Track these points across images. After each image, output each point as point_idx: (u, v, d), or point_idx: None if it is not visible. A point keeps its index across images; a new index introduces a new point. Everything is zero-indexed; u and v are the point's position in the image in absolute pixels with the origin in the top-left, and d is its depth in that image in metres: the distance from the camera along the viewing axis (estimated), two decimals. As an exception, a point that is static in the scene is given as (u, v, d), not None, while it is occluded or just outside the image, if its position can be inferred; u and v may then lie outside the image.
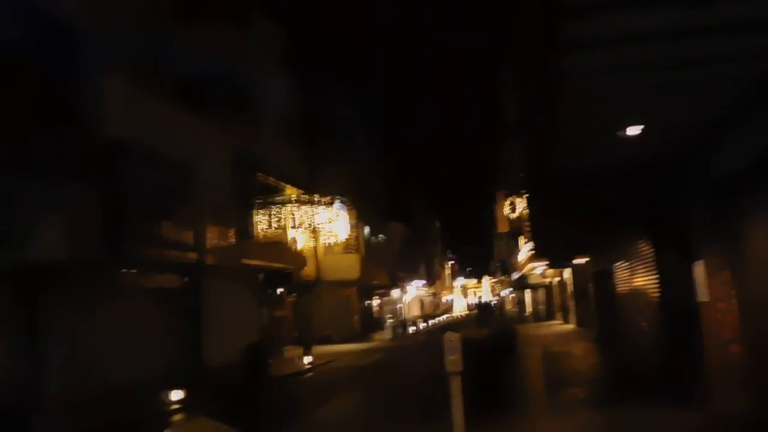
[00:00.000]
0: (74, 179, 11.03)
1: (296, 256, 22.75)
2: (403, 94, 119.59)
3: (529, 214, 17.01)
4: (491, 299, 59.99)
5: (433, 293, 62.15)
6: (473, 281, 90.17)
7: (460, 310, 68.52)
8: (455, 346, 6.38)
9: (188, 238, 14.80)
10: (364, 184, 30.30)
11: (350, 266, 29.04)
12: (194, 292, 15.35)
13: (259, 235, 20.05)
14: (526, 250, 25.78)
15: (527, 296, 44.06)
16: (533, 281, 32.97)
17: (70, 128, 11.27)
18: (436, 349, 7.17)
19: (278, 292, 22.88)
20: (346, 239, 27.51)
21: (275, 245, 20.81)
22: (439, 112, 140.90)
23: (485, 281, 76.65)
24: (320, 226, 22.62)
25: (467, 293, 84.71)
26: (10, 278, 10.53)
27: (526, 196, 18.48)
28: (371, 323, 34.99)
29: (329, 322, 27.27)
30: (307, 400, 12.00)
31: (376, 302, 37.95)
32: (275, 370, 14.08)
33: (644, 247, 9.89)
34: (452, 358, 6.35)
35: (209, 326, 15.37)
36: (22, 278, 10.72)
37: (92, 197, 11.37)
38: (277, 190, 21.30)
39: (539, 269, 26.60)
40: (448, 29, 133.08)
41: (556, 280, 30.08)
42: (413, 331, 34.78)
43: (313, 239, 25.00)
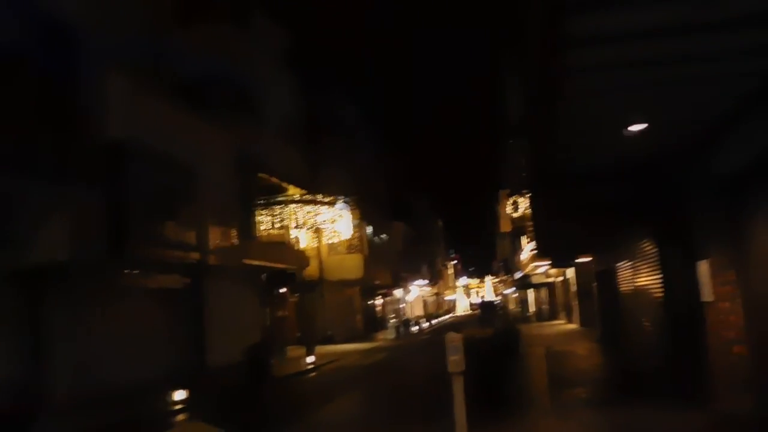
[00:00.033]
0: (77, 180, 11.05)
1: (299, 256, 22.76)
2: (405, 93, 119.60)
3: (531, 213, 16.97)
4: (494, 298, 59.89)
5: (435, 293, 62.10)
6: (476, 281, 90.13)
7: (462, 309, 68.51)
8: (457, 346, 6.37)
9: (191, 238, 14.82)
10: (366, 183, 30.27)
11: (353, 266, 29.05)
12: (197, 292, 15.37)
13: (261, 235, 20.07)
14: (528, 249, 25.73)
15: (530, 296, 44.00)
16: (536, 281, 32.95)
17: (72, 129, 11.29)
18: (438, 348, 7.15)
19: (281, 292, 22.88)
20: (348, 239, 27.55)
21: (278, 245, 20.83)
22: (441, 110, 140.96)
23: (488, 281, 76.57)
24: (323, 225, 22.63)
25: (470, 293, 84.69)
26: (13, 279, 10.55)
27: (528, 195, 18.45)
28: (374, 323, 34.99)
29: (332, 321, 27.28)
30: (309, 400, 11.98)
31: (378, 302, 37.94)
32: (278, 370, 14.08)
33: (648, 246, 9.84)
34: (454, 358, 6.33)
35: (212, 326, 15.39)
36: (25, 279, 10.74)
37: (95, 198, 11.39)
38: (279, 189, 21.31)
39: (542, 268, 26.55)
40: (451, 27, 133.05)
41: (559, 279, 30.02)
42: (416, 330, 34.76)
43: (315, 239, 25.03)
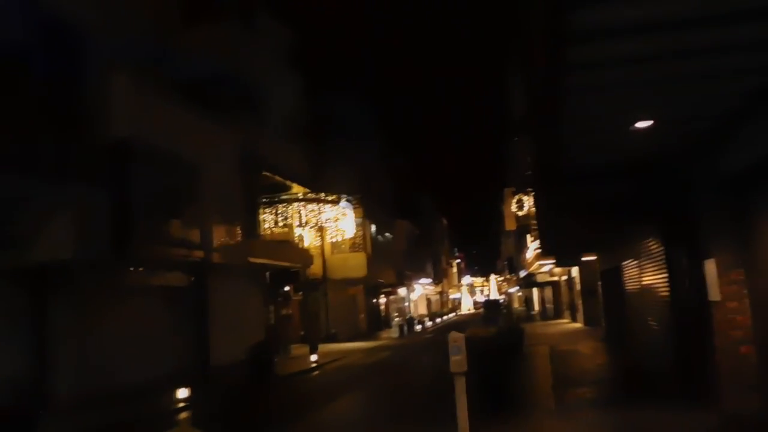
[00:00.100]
0: (81, 179, 11.05)
1: (303, 254, 22.76)
2: (410, 91, 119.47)
3: (536, 211, 16.91)
4: (499, 297, 59.80)
5: (439, 291, 62.06)
6: (480, 279, 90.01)
7: (467, 308, 68.44)
8: (459, 346, 6.32)
9: (195, 236, 14.84)
10: (370, 182, 30.24)
11: (357, 264, 29.05)
12: (201, 290, 15.39)
13: (265, 233, 20.08)
14: (533, 248, 25.65)
15: (534, 294, 43.90)
16: (541, 279, 32.86)
17: (76, 128, 11.29)
18: (442, 347, 7.11)
19: (284, 290, 22.90)
20: (352, 237, 27.55)
21: (282, 243, 20.85)
22: (446, 109, 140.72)
23: (492, 279, 76.47)
24: (326, 224, 22.63)
25: (474, 291, 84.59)
26: (18, 278, 10.58)
27: (533, 193, 18.38)
28: (378, 321, 34.98)
29: (336, 320, 27.29)
30: (313, 398, 11.97)
31: (382, 300, 37.93)
32: (281, 368, 14.07)
33: (654, 244, 9.76)
34: (456, 358, 6.29)
35: (216, 324, 15.40)
36: (30, 278, 10.77)
37: (99, 197, 11.40)
38: (283, 188, 21.32)
39: (547, 267, 26.47)
40: (455, 24, 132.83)
41: (563, 278, 29.91)
42: (420, 329, 34.73)
43: (319, 237, 25.03)
